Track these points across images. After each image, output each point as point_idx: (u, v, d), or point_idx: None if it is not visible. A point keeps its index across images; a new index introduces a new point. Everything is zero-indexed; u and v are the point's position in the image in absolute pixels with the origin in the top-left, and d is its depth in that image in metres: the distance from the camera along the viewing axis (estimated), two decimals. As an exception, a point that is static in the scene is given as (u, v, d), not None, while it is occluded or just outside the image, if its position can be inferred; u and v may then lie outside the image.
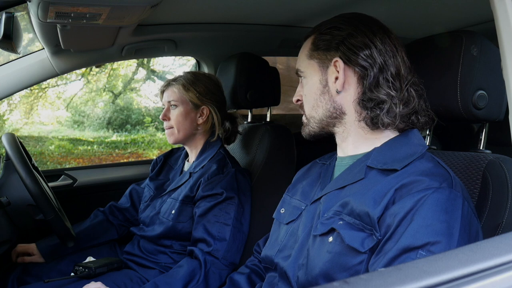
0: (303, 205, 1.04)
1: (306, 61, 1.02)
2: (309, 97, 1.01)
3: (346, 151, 1.01)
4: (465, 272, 0.52)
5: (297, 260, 0.95)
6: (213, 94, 1.60)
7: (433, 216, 0.79)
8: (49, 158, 5.51)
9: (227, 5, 1.47)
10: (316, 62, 1.00)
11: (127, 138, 6.17)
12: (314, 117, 1.01)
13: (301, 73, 1.03)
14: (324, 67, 0.98)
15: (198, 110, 1.57)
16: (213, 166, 1.50)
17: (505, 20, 0.79)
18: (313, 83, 1.00)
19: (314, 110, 1.01)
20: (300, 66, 1.04)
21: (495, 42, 0.87)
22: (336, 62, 0.96)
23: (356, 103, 0.96)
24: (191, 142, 1.61)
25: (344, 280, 0.50)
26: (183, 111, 1.56)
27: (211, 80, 1.63)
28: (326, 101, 0.98)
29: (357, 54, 0.94)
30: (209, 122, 1.60)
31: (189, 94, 1.56)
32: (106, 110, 6.35)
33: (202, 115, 1.58)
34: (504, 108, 1.03)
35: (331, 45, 0.97)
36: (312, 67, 1.00)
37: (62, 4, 0.99)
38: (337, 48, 0.96)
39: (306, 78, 1.02)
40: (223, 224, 1.41)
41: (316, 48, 0.99)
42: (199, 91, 1.57)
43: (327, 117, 0.99)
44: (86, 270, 1.38)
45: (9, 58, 1.58)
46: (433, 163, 0.89)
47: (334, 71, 0.97)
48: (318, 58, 0.99)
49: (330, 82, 0.97)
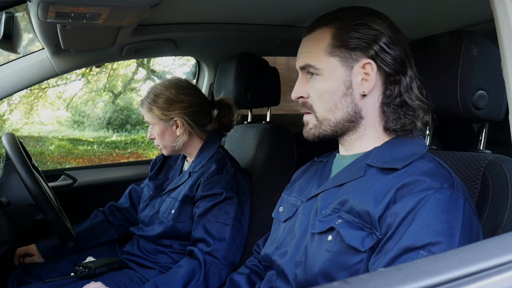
0: (299, 202, 1.03)
1: (325, 57, 0.92)
2: (327, 98, 0.93)
3: (350, 150, 0.99)
4: (465, 272, 0.52)
5: (294, 257, 0.95)
6: (177, 102, 1.51)
7: (434, 216, 0.79)
8: (49, 158, 5.50)
9: (227, 5, 1.47)
10: (338, 60, 0.91)
11: (127, 138, 6.17)
12: (330, 119, 0.94)
13: (316, 70, 0.93)
14: (348, 66, 0.91)
15: (171, 123, 1.52)
16: (212, 166, 1.49)
17: (505, 20, 0.79)
18: (333, 83, 0.92)
19: (331, 112, 0.93)
20: (315, 62, 0.93)
21: (495, 42, 0.87)
22: (367, 64, 0.90)
23: (380, 107, 0.93)
24: (185, 149, 1.59)
25: (344, 280, 0.50)
26: (158, 130, 1.53)
27: (170, 88, 1.52)
28: (348, 103, 0.92)
29: (390, 56, 0.90)
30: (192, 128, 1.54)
31: (154, 113, 1.51)
32: (106, 110, 6.35)
33: (178, 126, 1.52)
34: (504, 108, 1.03)
35: (359, 44, 0.89)
36: (332, 65, 0.92)
37: (62, 4, 0.99)
38: (368, 49, 0.89)
39: (322, 76, 0.93)
40: (223, 224, 1.41)
41: (340, 45, 0.91)
42: (162, 107, 1.50)
43: (345, 121, 0.93)
44: (86, 270, 1.38)
45: (9, 58, 1.58)
46: (434, 163, 0.89)
47: (360, 72, 0.91)
48: (340, 56, 0.91)
49: (355, 84, 0.91)
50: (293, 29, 1.82)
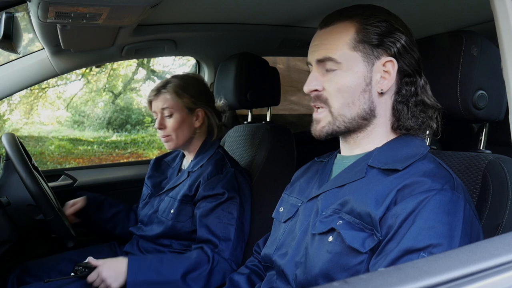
0: (299, 202, 1.03)
1: (348, 52, 0.90)
2: (346, 93, 0.91)
3: (353, 150, 0.98)
4: (465, 272, 0.52)
5: (294, 257, 0.95)
6: (204, 95, 1.59)
7: (435, 218, 0.79)
8: (49, 158, 5.50)
9: (227, 5, 1.47)
10: (360, 56, 0.90)
11: (127, 138, 6.17)
12: (345, 115, 0.92)
13: (337, 64, 0.91)
14: (369, 63, 0.91)
15: (193, 114, 1.55)
16: (211, 165, 1.50)
17: (505, 20, 0.79)
18: (354, 78, 0.90)
19: (348, 107, 0.92)
20: (337, 55, 0.91)
21: (495, 42, 0.87)
22: (389, 62, 0.90)
23: (393, 106, 0.94)
24: (189, 145, 1.60)
25: (344, 280, 0.50)
26: (179, 118, 1.52)
27: (199, 81, 1.61)
28: (365, 100, 0.91)
29: (412, 56, 0.91)
30: (205, 124, 1.59)
31: (183, 100, 1.52)
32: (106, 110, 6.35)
33: (198, 118, 1.56)
34: (504, 108, 1.03)
35: (383, 41, 0.90)
36: (355, 60, 0.90)
37: (62, 4, 0.99)
38: (391, 47, 0.90)
39: (342, 70, 0.91)
40: (227, 224, 1.41)
41: (363, 40, 0.90)
42: (193, 95, 1.54)
43: (360, 118, 0.93)
44: (86, 270, 1.38)
45: (9, 58, 1.58)
46: (435, 164, 0.89)
47: (380, 70, 0.91)
48: (363, 52, 0.90)
49: (374, 81, 0.91)
50: (293, 29, 1.82)
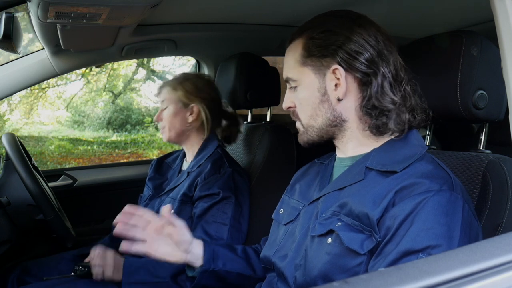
0: (301, 205, 1.03)
1: (298, 69, 0.96)
2: (306, 106, 0.97)
3: (346, 153, 0.99)
4: (465, 272, 0.52)
5: (294, 260, 0.95)
6: (202, 91, 1.60)
7: (433, 219, 0.79)
8: (49, 158, 5.51)
9: (227, 5, 1.47)
10: (310, 70, 0.95)
11: (127, 138, 6.18)
12: (313, 126, 0.97)
13: (293, 82, 0.98)
14: (320, 74, 0.94)
15: (187, 108, 1.58)
16: (209, 165, 1.50)
17: (505, 20, 0.79)
18: (310, 92, 0.96)
19: (312, 119, 0.97)
20: (292, 74, 0.98)
21: (495, 42, 0.87)
22: (336, 70, 0.92)
23: (359, 110, 0.93)
24: (186, 141, 1.61)
25: (344, 280, 0.50)
26: (172, 110, 1.57)
27: (200, 79, 1.64)
28: (326, 109, 0.95)
29: (357, 60, 0.90)
30: (200, 120, 1.60)
31: (177, 93, 1.57)
32: (106, 110, 6.36)
33: (192, 113, 1.58)
34: (504, 108, 1.03)
35: (327, 51, 0.92)
36: (306, 75, 0.96)
37: (62, 4, 0.99)
38: (334, 55, 0.91)
39: (300, 86, 0.97)
40: (221, 224, 1.41)
41: (309, 54, 0.94)
42: (187, 90, 1.58)
43: (327, 126, 0.96)
44: (86, 269, 1.38)
45: (9, 58, 1.58)
46: (433, 164, 0.88)
47: (333, 78, 0.93)
48: (312, 65, 0.94)
49: (330, 90, 0.94)
50: (293, 29, 1.80)
